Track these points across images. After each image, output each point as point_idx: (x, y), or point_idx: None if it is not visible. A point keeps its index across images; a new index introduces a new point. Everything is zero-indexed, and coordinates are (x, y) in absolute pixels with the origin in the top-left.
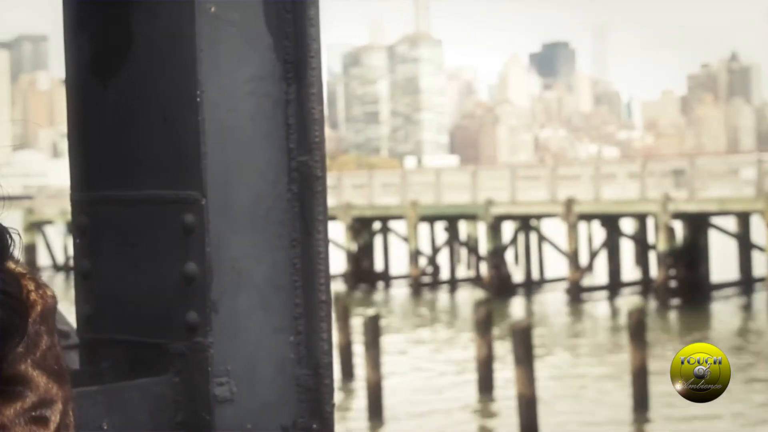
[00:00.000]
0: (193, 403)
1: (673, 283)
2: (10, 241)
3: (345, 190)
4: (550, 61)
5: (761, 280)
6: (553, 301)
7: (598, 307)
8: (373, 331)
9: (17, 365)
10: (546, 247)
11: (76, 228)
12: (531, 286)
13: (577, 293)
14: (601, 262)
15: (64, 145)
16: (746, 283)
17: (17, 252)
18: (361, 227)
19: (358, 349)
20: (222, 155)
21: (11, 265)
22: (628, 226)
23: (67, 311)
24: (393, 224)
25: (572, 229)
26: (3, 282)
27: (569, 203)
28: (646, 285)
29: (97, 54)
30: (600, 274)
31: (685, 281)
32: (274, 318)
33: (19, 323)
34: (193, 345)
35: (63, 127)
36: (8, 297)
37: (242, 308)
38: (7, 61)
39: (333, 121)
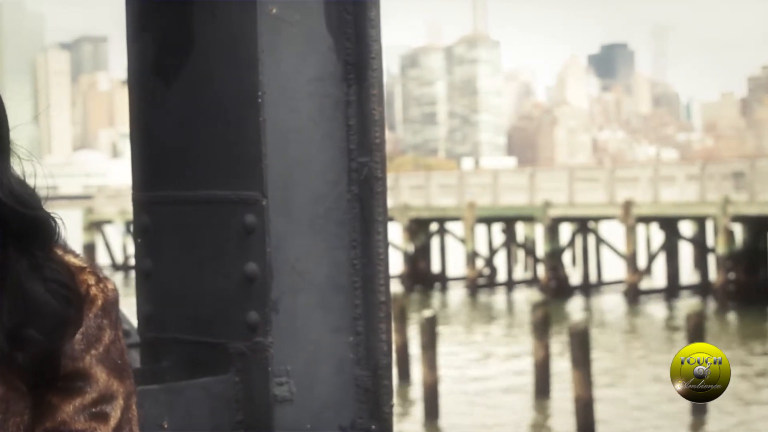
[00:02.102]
0: (253, 402)
1: (732, 287)
2: (55, 227)
3: (402, 191)
4: (608, 62)
5: None
6: (610, 303)
7: (656, 309)
8: (430, 332)
9: (78, 361)
10: (604, 249)
11: (137, 227)
12: (588, 289)
13: (635, 296)
14: (660, 265)
15: (123, 146)
16: None
17: (65, 240)
18: (418, 228)
19: (415, 351)
20: (283, 156)
21: (71, 258)
22: (686, 228)
23: (127, 310)
24: (450, 225)
25: (630, 232)
26: (54, 271)
27: (627, 205)
28: (704, 288)
29: (159, 55)
30: (658, 277)
31: (744, 284)
32: (333, 318)
33: (74, 314)
34: (254, 345)
35: (123, 127)
36: (60, 286)
37: (302, 308)
38: (68, 62)
39: (390, 123)
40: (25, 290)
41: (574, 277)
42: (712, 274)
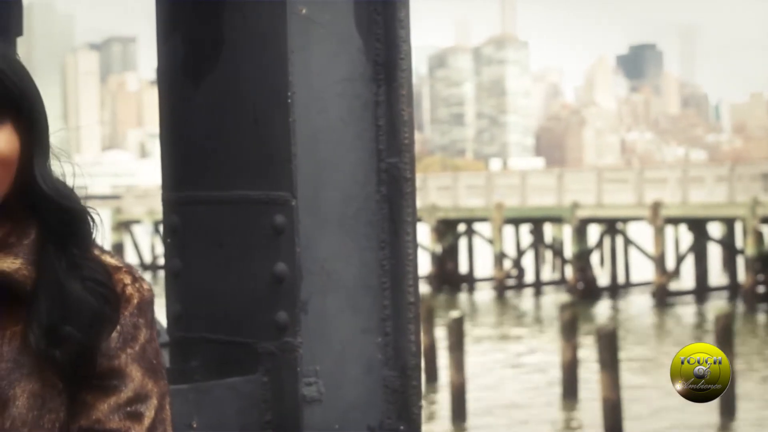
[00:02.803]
0: (282, 402)
1: (761, 288)
2: (93, 226)
3: (430, 191)
4: (637, 62)
5: None
6: (638, 305)
7: (684, 311)
8: (457, 333)
9: (113, 359)
10: (632, 250)
11: (167, 227)
12: (616, 290)
13: (663, 297)
14: (688, 267)
15: (152, 146)
16: None
17: (101, 236)
18: (446, 229)
19: (442, 352)
20: (312, 156)
21: (108, 258)
22: (715, 230)
23: (155, 310)
24: (478, 226)
25: (659, 233)
26: (91, 270)
27: (656, 207)
28: (733, 290)
29: (189, 55)
30: (687, 279)
31: None
32: (362, 319)
33: (110, 313)
34: (283, 345)
35: (151, 127)
36: (99, 285)
37: (331, 309)
38: (97, 63)
39: (418, 123)
40: (63, 288)
41: (602, 279)
42: (741, 276)
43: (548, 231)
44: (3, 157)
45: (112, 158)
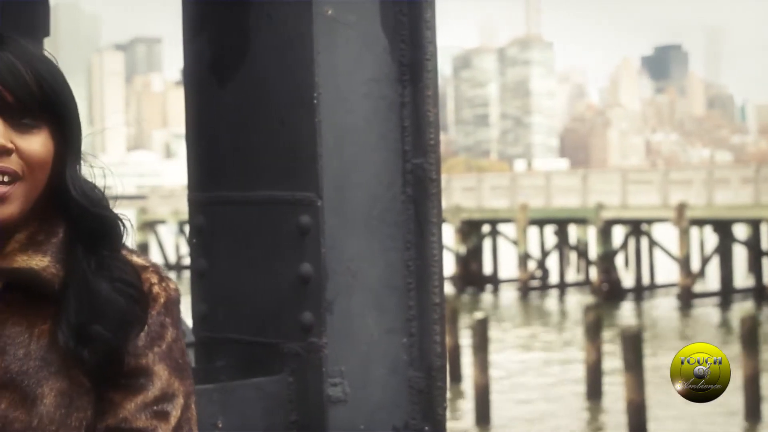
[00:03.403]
0: (307, 403)
1: None
2: (123, 229)
3: (454, 192)
4: (662, 63)
5: None
6: (663, 306)
7: (709, 313)
8: (481, 334)
9: (140, 358)
10: (657, 252)
11: (192, 228)
12: (641, 292)
13: (688, 299)
14: (713, 268)
15: (177, 146)
16: None
17: (130, 240)
18: (470, 230)
19: (466, 353)
20: (338, 157)
21: (135, 258)
22: (740, 231)
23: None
24: (502, 227)
25: (684, 235)
26: (120, 270)
27: (681, 208)
28: (759, 292)
29: (216, 56)
30: (712, 280)
31: None
32: (387, 319)
33: (139, 313)
34: (308, 345)
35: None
36: (127, 286)
37: (356, 309)
38: (122, 63)
39: (443, 124)
40: (92, 289)
41: (627, 280)
42: (767, 278)
43: (573, 232)
44: (39, 161)
45: (138, 158)
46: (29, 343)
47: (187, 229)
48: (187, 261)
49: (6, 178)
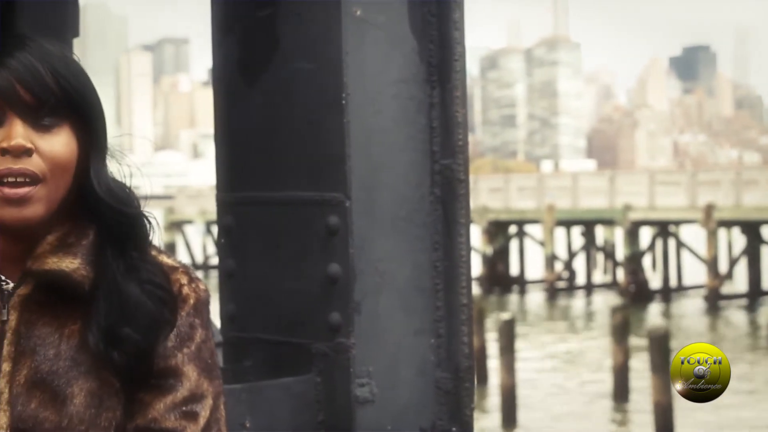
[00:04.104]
0: (335, 403)
1: None
2: (150, 229)
3: (481, 193)
4: (690, 64)
5: None
6: (690, 308)
7: (737, 315)
8: (508, 335)
9: (170, 359)
10: (684, 253)
11: (221, 228)
12: (668, 293)
13: (715, 301)
14: (741, 270)
15: (204, 146)
16: None
17: (157, 240)
18: (497, 231)
19: (493, 354)
20: (366, 157)
21: (164, 258)
22: None
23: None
24: (529, 228)
25: (712, 236)
26: (149, 272)
27: (709, 209)
28: None
29: (244, 56)
30: (740, 282)
31: None
32: (415, 320)
33: (168, 315)
34: (336, 345)
35: (203, 128)
36: (157, 288)
37: (384, 310)
38: (150, 64)
39: (469, 125)
40: (122, 291)
41: (654, 282)
42: None
43: (600, 233)
44: (61, 160)
45: (165, 158)
46: (59, 344)
47: (214, 229)
48: (214, 261)
49: (26, 180)
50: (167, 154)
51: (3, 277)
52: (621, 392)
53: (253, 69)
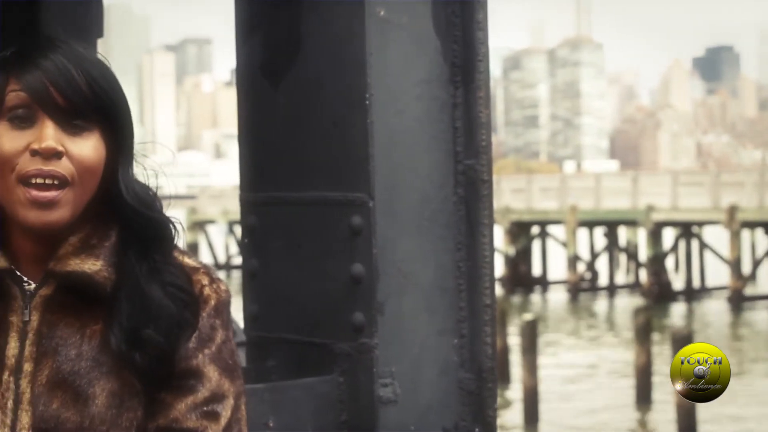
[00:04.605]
0: (358, 403)
1: None
2: (174, 232)
3: (503, 194)
4: (713, 65)
5: None
6: (713, 309)
7: (760, 316)
8: (530, 336)
9: (191, 359)
10: (707, 254)
11: (244, 228)
12: (691, 294)
13: (738, 302)
14: (765, 271)
15: (226, 146)
16: None
17: (181, 241)
18: (519, 231)
19: (515, 354)
20: (389, 158)
21: (186, 259)
22: None
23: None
24: (551, 229)
25: (735, 237)
26: (172, 275)
27: (732, 210)
28: None
29: (268, 56)
30: (763, 283)
31: None
32: (438, 320)
33: (190, 317)
34: (359, 346)
35: (226, 128)
36: (179, 290)
37: (407, 310)
38: (173, 64)
39: (492, 125)
40: (144, 294)
41: (677, 283)
42: None
43: (623, 234)
44: (90, 165)
45: (187, 159)
46: (81, 344)
47: (236, 229)
48: (236, 261)
49: (55, 182)
50: (190, 154)
51: (25, 278)
52: (644, 393)
53: (277, 69)
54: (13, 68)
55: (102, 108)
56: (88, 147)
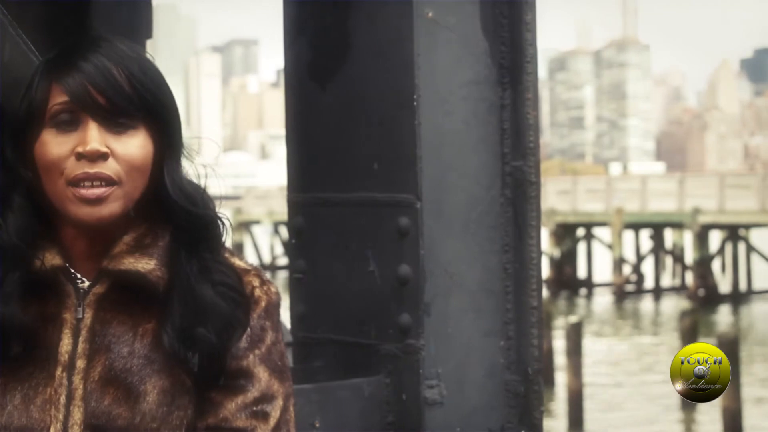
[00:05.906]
0: (404, 404)
1: None
2: (223, 229)
3: (549, 195)
4: (761, 66)
5: None
6: (760, 312)
7: None
8: (576, 338)
9: (241, 359)
10: (754, 257)
11: (292, 228)
12: (738, 297)
13: None
14: None
15: (272, 147)
16: None
17: (228, 241)
18: (565, 233)
19: (560, 357)
20: (437, 159)
21: (237, 260)
22: None
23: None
24: (597, 231)
25: None
26: (222, 274)
27: None
28: None
29: (316, 58)
30: None
31: None
32: (484, 322)
33: (242, 317)
34: (405, 347)
35: (272, 129)
36: (230, 290)
37: (454, 311)
38: (219, 65)
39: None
40: (196, 293)
41: (724, 286)
42: None
43: (669, 236)
44: (137, 162)
45: (233, 159)
46: (133, 342)
47: (281, 229)
48: (281, 262)
49: (103, 183)
50: (236, 154)
51: (79, 276)
52: None
53: (325, 70)
54: (55, 72)
55: (146, 105)
56: (134, 145)
